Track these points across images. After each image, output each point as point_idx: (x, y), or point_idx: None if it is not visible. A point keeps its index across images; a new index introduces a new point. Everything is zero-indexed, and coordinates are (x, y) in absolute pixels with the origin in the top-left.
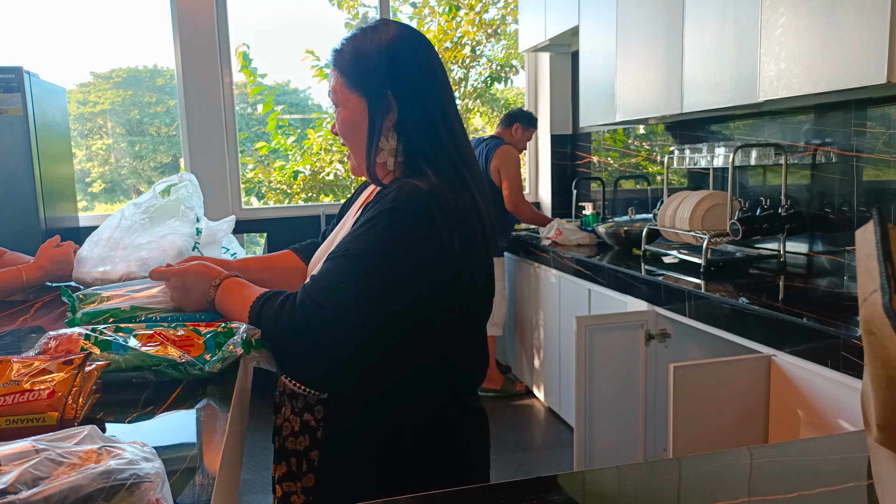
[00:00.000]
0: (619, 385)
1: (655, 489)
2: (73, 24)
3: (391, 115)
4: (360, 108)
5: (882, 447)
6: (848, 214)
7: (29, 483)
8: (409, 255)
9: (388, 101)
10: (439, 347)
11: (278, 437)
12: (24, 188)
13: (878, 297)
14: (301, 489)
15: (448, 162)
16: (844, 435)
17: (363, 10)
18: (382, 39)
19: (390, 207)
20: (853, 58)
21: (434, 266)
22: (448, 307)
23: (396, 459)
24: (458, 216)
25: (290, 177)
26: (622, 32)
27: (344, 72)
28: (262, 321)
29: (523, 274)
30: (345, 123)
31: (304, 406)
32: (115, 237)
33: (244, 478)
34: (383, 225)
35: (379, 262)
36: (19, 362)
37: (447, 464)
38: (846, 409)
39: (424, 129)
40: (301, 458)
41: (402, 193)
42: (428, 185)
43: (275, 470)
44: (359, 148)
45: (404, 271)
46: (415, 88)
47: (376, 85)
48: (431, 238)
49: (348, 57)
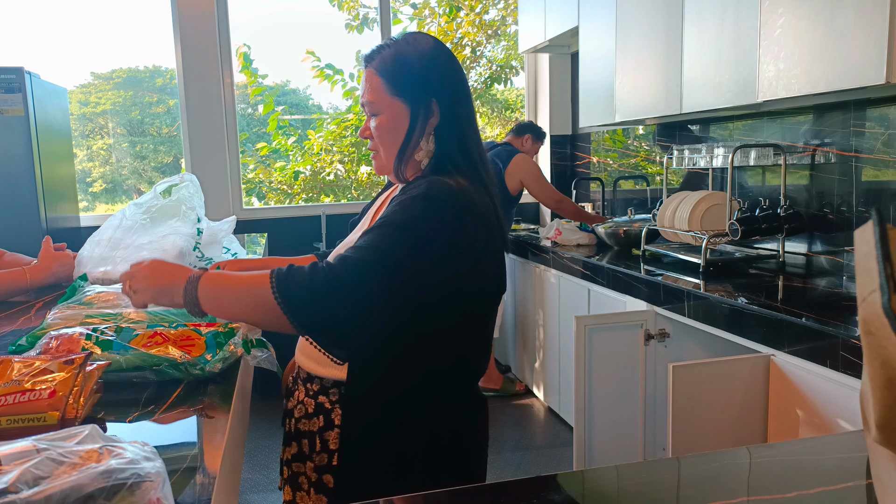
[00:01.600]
0: (619, 385)
1: (655, 488)
2: (73, 24)
3: (432, 119)
4: (403, 113)
5: (881, 447)
6: (847, 215)
7: (30, 482)
8: (442, 232)
9: (431, 108)
10: (457, 335)
11: (290, 420)
12: (25, 188)
13: (876, 297)
14: (313, 468)
15: (472, 166)
16: (843, 435)
17: (363, 11)
18: (424, 49)
19: (424, 192)
20: (852, 58)
21: (461, 250)
22: (468, 294)
23: (410, 436)
24: (482, 215)
25: (290, 177)
26: (622, 33)
27: (387, 77)
28: (291, 284)
29: (523, 274)
30: (386, 127)
31: (319, 388)
32: (116, 237)
33: (244, 477)
34: (420, 205)
35: (417, 232)
36: (20, 362)
37: (454, 440)
38: (845, 409)
39: (457, 136)
40: (314, 438)
41: (434, 185)
42: (456, 184)
43: (284, 452)
44: (395, 151)
45: (439, 246)
46: (453, 97)
47: (421, 92)
48: (461, 227)
49: (391, 64)
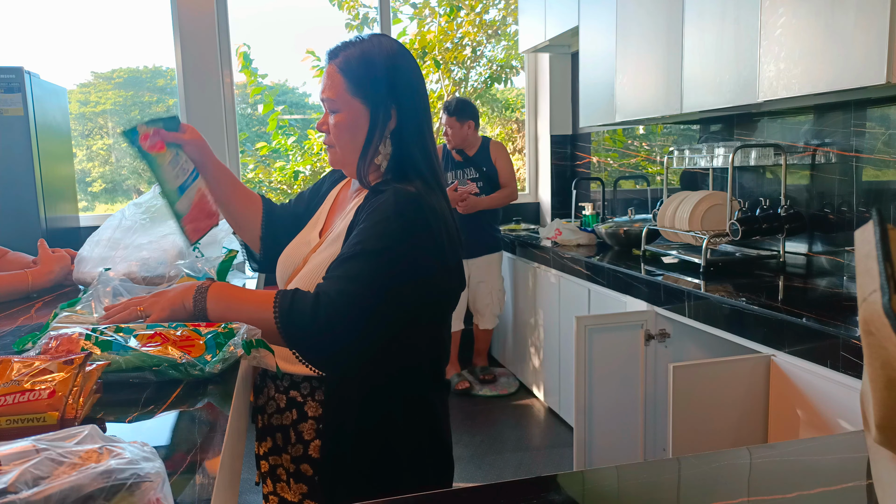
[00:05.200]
0: (619, 385)
1: (655, 489)
2: (73, 24)
3: (391, 123)
4: (363, 114)
5: (881, 447)
6: (847, 215)
7: (29, 483)
8: (418, 250)
9: (390, 112)
10: (430, 329)
11: (262, 416)
12: (25, 188)
13: (877, 297)
14: (290, 460)
15: (430, 169)
16: (844, 435)
17: (363, 11)
18: (387, 52)
19: (395, 212)
20: (853, 58)
21: (433, 259)
22: (440, 291)
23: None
24: (443, 219)
25: (290, 177)
26: (622, 33)
27: (350, 77)
28: (295, 316)
29: (523, 274)
30: (344, 126)
31: (290, 384)
32: (116, 237)
33: (244, 477)
34: (396, 226)
35: (398, 256)
36: (20, 362)
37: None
38: (845, 409)
39: (416, 140)
40: (288, 431)
41: (401, 199)
42: (416, 191)
43: (259, 447)
44: (352, 149)
45: (417, 264)
46: (412, 103)
47: (382, 95)
48: (431, 239)
49: (355, 64)
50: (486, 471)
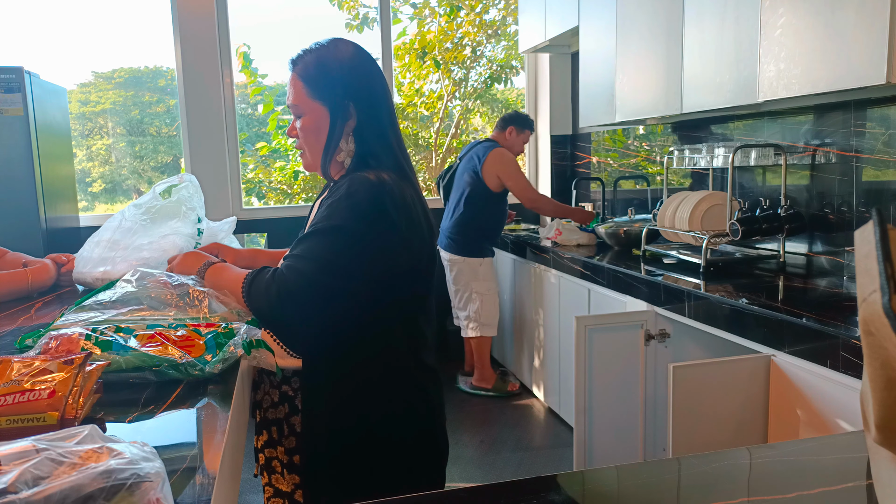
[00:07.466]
0: (619, 385)
1: (655, 489)
2: (73, 24)
3: (350, 121)
4: (324, 115)
5: (881, 447)
6: (847, 215)
7: (29, 483)
8: (367, 226)
9: (348, 111)
10: (399, 308)
11: (259, 410)
12: (25, 188)
13: (877, 297)
14: (284, 451)
15: (394, 161)
16: (844, 435)
17: (363, 11)
18: (343, 56)
19: (346, 193)
20: (853, 58)
21: (386, 235)
22: (401, 271)
23: (364, 404)
24: (401, 199)
25: (290, 177)
26: (622, 33)
27: (308, 82)
28: (253, 292)
29: (523, 274)
30: (308, 129)
31: (281, 379)
32: (116, 238)
33: (244, 477)
34: (345, 205)
35: (346, 233)
36: (20, 362)
37: (405, 406)
38: (845, 410)
39: (377, 135)
40: (281, 424)
41: (354, 183)
42: (375, 177)
43: (256, 440)
44: (318, 149)
45: (366, 240)
46: (371, 100)
47: (339, 96)
48: (383, 216)
49: (312, 70)
50: (485, 471)
